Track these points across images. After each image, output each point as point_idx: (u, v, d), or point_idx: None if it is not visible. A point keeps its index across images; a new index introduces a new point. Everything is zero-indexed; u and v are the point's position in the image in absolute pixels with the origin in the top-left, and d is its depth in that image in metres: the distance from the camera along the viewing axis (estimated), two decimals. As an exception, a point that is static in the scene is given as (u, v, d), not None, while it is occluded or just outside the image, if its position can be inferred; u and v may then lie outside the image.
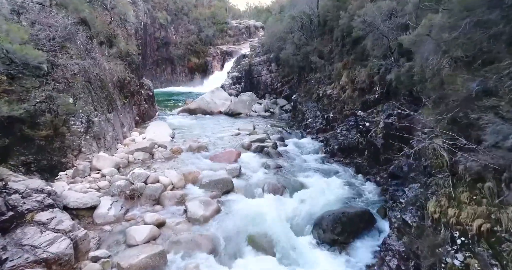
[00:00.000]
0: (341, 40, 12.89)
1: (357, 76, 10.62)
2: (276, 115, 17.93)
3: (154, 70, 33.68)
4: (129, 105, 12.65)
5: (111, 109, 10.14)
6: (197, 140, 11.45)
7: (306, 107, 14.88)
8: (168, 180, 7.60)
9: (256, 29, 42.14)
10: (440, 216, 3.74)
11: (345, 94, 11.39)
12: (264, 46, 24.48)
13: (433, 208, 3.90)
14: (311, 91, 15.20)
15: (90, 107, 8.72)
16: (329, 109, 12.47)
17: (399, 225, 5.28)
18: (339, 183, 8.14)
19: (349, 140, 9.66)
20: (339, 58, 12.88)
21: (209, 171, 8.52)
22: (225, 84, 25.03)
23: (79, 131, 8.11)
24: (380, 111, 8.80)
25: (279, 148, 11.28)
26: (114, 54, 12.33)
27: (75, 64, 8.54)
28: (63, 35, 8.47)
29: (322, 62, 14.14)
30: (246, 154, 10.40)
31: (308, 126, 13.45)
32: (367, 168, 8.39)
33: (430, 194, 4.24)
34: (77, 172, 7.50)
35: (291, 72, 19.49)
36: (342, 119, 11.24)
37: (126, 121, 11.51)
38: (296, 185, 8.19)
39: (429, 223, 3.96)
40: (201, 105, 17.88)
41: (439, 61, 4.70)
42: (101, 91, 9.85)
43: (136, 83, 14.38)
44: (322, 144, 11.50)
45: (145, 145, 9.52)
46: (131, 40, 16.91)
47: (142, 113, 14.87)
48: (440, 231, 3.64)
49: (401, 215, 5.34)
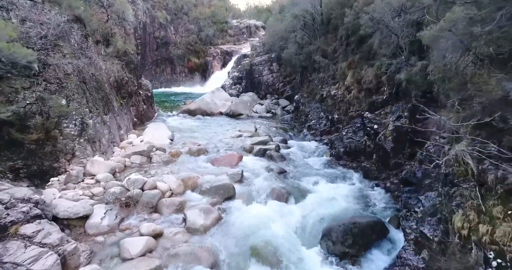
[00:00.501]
0: (345, 39, 12.48)
1: (363, 76, 10.19)
2: (278, 116, 17.50)
3: (153, 70, 33.25)
4: (126, 106, 12.23)
5: (107, 111, 9.73)
6: (197, 143, 11.04)
7: (309, 108, 14.46)
8: (166, 186, 7.19)
9: (257, 29, 41.74)
10: (469, 233, 3.33)
11: (350, 94, 10.97)
12: (265, 46, 24.05)
13: (460, 223, 3.49)
14: (314, 92, 14.78)
15: (85, 108, 8.30)
16: (334, 110, 12.05)
17: (416, 237, 4.86)
18: (347, 189, 7.72)
19: (355, 143, 9.24)
20: (343, 58, 12.46)
21: (210, 176, 8.10)
22: (225, 84, 24.60)
23: (72, 134, 7.69)
24: (388, 112, 8.38)
25: (282, 150, 10.86)
26: (111, 54, 11.91)
27: (69, 64, 8.12)
28: (55, 33, 8.05)
29: (325, 61, 13.72)
30: (248, 157, 9.98)
31: (312, 127, 13.03)
32: (375, 172, 7.96)
33: (455, 206, 3.82)
34: (69, 178, 7.08)
35: (293, 72, 19.07)
36: (347, 120, 10.82)
37: (123, 123, 11.10)
38: (301, 191, 7.77)
39: (455, 240, 3.55)
40: (201, 106, 17.46)
41: (462, 59, 4.27)
42: (97, 92, 9.43)
43: (134, 84, 13.96)
44: (326, 146, 11.08)
45: (142, 149, 9.10)
46: (129, 39, 16.50)
47: (141, 114, 14.45)
48: (471, 250, 3.23)
49: (417, 226, 4.92)
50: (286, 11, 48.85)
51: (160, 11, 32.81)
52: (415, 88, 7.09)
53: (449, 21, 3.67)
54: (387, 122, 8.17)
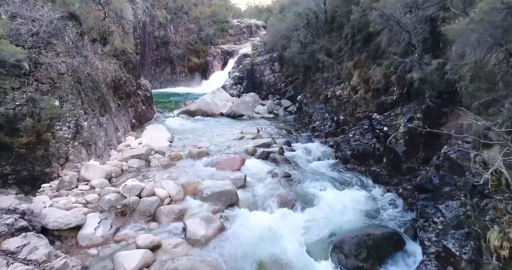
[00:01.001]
0: (351, 37, 12.05)
1: (371, 76, 9.77)
2: (280, 116, 17.08)
3: (153, 70, 32.82)
4: (124, 107, 11.81)
5: (103, 112, 9.31)
6: (198, 145, 10.61)
7: (313, 109, 14.03)
8: (165, 193, 6.77)
9: (258, 28, 41.32)
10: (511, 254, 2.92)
11: (357, 95, 10.55)
12: (267, 45, 23.62)
13: (497, 242, 3.09)
14: (318, 92, 14.36)
15: (79, 110, 7.88)
16: (339, 111, 11.63)
17: (437, 251, 4.44)
18: (356, 195, 7.29)
19: (363, 146, 8.81)
20: (349, 57, 12.03)
21: (211, 181, 7.68)
22: (226, 84, 24.18)
23: (66, 137, 7.28)
24: (399, 114, 7.95)
25: (286, 153, 10.44)
26: (108, 53, 11.49)
27: (62, 63, 7.71)
28: (48, 30, 7.64)
29: (330, 61, 13.29)
30: (251, 160, 9.55)
31: (316, 129, 12.61)
32: (386, 177, 7.54)
33: (489, 221, 3.41)
34: (62, 184, 6.66)
35: (296, 72, 18.64)
36: (354, 122, 10.40)
37: (121, 125, 10.68)
38: (308, 197, 7.35)
39: (494, 261, 3.14)
40: (202, 106, 17.04)
41: (490, 55, 3.85)
42: (93, 92, 9.01)
43: (133, 84, 13.53)
44: (332, 149, 10.65)
45: (140, 152, 8.68)
46: (128, 38, 16.08)
47: (139, 115, 14.02)
48: (513, 275, 2.83)
49: (439, 239, 4.50)
50: (286, 10, 48.58)
51: (159, 10, 32.39)
52: (429, 88, 6.67)
53: (482, 12, 3.26)
54: (398, 124, 7.75)
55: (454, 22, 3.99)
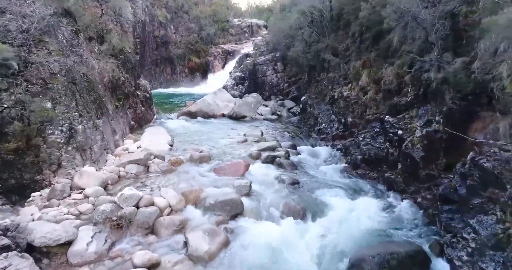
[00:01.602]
0: (359, 36, 11.54)
1: (382, 76, 9.27)
2: (284, 118, 16.58)
3: (153, 70, 32.33)
4: (122, 108, 11.31)
5: (100, 114, 8.81)
6: (199, 149, 10.12)
7: (319, 110, 13.52)
8: (164, 202, 6.26)
9: (259, 28, 40.87)
10: None
11: (366, 96, 10.04)
12: (269, 45, 23.12)
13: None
14: (324, 93, 13.85)
15: (74, 112, 7.38)
16: (347, 113, 11.11)
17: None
18: (370, 203, 6.79)
19: (375, 150, 8.31)
20: (356, 56, 11.52)
21: (214, 189, 7.19)
22: (227, 84, 23.72)
23: (58, 142, 6.77)
24: (414, 116, 7.44)
25: (292, 157, 9.94)
26: (106, 52, 10.98)
27: (55, 62, 7.21)
28: (40, 27, 7.14)
29: (336, 60, 12.78)
30: (256, 165, 9.05)
31: (322, 131, 12.10)
32: (402, 185, 7.03)
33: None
34: (53, 192, 6.16)
35: (300, 72, 18.13)
36: (363, 124, 9.88)
37: (118, 127, 10.17)
38: (319, 206, 6.85)
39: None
40: (203, 107, 16.55)
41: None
42: (89, 93, 8.52)
43: (132, 84, 13.04)
44: (340, 152, 10.15)
45: (139, 157, 8.18)
46: (126, 37, 15.59)
47: (138, 117, 13.52)
48: None
49: (473, 259, 4.00)
50: (287, 10, 48.20)
51: (159, 10, 31.90)
52: (450, 89, 6.16)
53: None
54: (414, 127, 7.24)
55: (482, 16, 3.50)
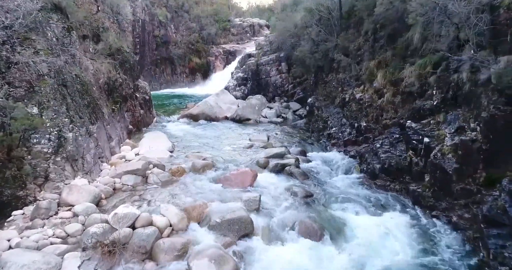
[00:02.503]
0: (372, 34, 10.80)
1: (400, 77, 8.52)
2: (289, 121, 15.82)
3: (152, 71, 31.61)
4: (120, 112, 10.57)
5: (94, 119, 8.08)
6: (202, 156, 9.38)
7: (328, 113, 12.78)
8: (165, 221, 5.52)
9: (261, 28, 40.18)
10: None
11: (382, 99, 9.29)
12: (273, 44, 22.35)
13: None
14: (333, 94, 13.11)
15: (64, 118, 6.64)
16: (360, 117, 10.37)
17: None
18: (395, 222, 6.04)
19: (396, 159, 7.56)
20: (370, 56, 10.78)
21: (219, 203, 6.46)
22: (229, 85, 23.01)
23: (45, 152, 6.04)
24: (442, 122, 6.70)
25: (302, 165, 9.20)
26: (102, 51, 10.25)
27: (43, 62, 6.48)
28: (26, 23, 6.42)
29: (347, 60, 12.04)
30: (264, 174, 8.31)
31: (333, 136, 11.35)
32: (431, 200, 6.27)
33: None
34: (38, 211, 5.41)
35: (305, 73, 17.38)
36: (380, 130, 9.13)
37: (115, 133, 9.43)
38: (338, 224, 6.10)
39: None
40: (205, 110, 15.80)
41: None
42: (82, 96, 7.78)
43: (130, 86, 12.30)
44: (354, 160, 9.40)
45: (136, 167, 7.42)
46: (125, 36, 14.88)
47: (137, 120, 12.78)
48: None
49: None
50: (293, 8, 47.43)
51: (160, 9, 31.19)
52: (490, 92, 5.42)
53: None
54: (442, 134, 6.50)
55: None
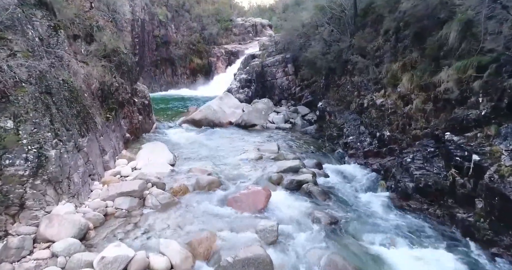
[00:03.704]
0: (394, 33, 9.77)
1: (433, 81, 7.49)
2: (298, 127, 14.77)
3: (152, 72, 30.60)
4: (115, 120, 9.54)
5: (85, 131, 7.05)
6: (207, 170, 8.34)
7: (343, 119, 11.75)
8: (164, 263, 4.50)
9: (263, 27, 39.24)
10: None
11: (410, 105, 8.25)
12: (278, 45, 21.36)
13: None
14: (347, 99, 12.08)
15: (46, 133, 5.61)
16: (382, 125, 9.33)
17: None
18: (444, 259, 4.99)
19: (433, 177, 6.51)
20: (391, 57, 9.75)
21: (230, 233, 5.45)
22: (232, 87, 22.03)
23: (20, 175, 5.00)
24: (493, 136, 5.67)
25: (319, 180, 8.18)
26: (95, 53, 9.22)
27: (21, 66, 5.45)
28: (1, 20, 5.40)
29: (364, 62, 11.01)
30: (278, 193, 7.28)
31: (350, 146, 10.31)
32: (488, 232, 5.21)
33: None
34: (6, 251, 4.38)
35: (315, 74, 16.35)
36: (408, 141, 8.09)
37: (109, 145, 8.39)
38: (373, 261, 5.06)
39: None
40: (208, 115, 14.77)
41: None
42: (70, 105, 6.76)
43: (127, 90, 11.26)
44: (378, 175, 8.35)
45: (132, 188, 6.38)
46: (122, 36, 13.86)
47: (135, 127, 11.76)
48: None
49: None
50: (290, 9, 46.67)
51: (160, 8, 30.18)
52: None
53: None
54: (496, 151, 5.46)
55: None
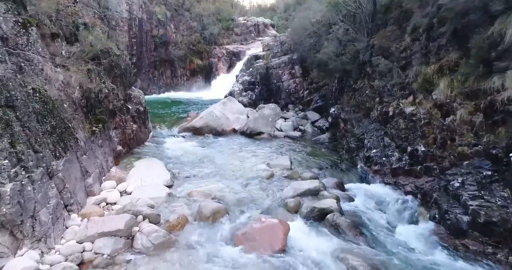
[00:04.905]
0: (425, 31, 8.46)
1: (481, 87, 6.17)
2: (309, 135, 13.45)
3: (151, 73, 29.28)
4: (104, 133, 8.22)
5: (62, 151, 5.74)
6: (210, 193, 7.03)
7: (362, 129, 10.43)
8: None
9: (265, 27, 37.94)
10: None
11: (452, 117, 6.93)
12: (284, 45, 20.03)
13: None
14: (366, 105, 10.75)
15: (2, 160, 4.31)
16: (413, 138, 8.00)
17: None
18: None
19: (498, 212, 5.19)
20: (422, 58, 8.42)
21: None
22: (234, 90, 20.73)
23: (-40, 223, 3.70)
24: None
25: (342, 203, 6.87)
26: (80, 55, 7.92)
27: (-32, 75, 4.15)
28: None
29: (388, 64, 9.70)
30: (297, 225, 5.97)
31: (374, 161, 8.98)
32: None
33: None
34: None
35: (325, 77, 15.03)
36: (452, 160, 6.75)
37: (94, 164, 7.06)
38: None
39: None
40: (210, 122, 13.44)
41: None
42: (42, 120, 5.46)
43: (119, 97, 9.96)
44: (413, 198, 7.04)
45: (117, 227, 5.05)
46: (115, 35, 12.55)
47: (129, 138, 10.45)
48: None
49: None
50: (291, 9, 45.26)
51: (158, 6, 28.85)
52: None
53: None
54: None
55: None
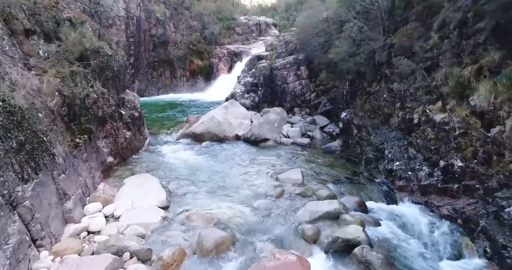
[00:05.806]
0: (456, 27, 7.41)
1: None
2: (318, 141, 12.39)
3: (149, 74, 28.25)
4: (89, 145, 7.17)
5: (32, 172, 4.70)
6: (212, 217, 5.99)
7: (380, 137, 9.39)
8: None
9: (267, 26, 36.90)
10: None
11: (499, 127, 5.87)
12: (289, 45, 18.99)
13: None
14: (385, 111, 9.69)
15: None
16: (446, 151, 6.95)
17: None
18: None
19: None
20: (453, 58, 7.38)
21: None
22: (235, 91, 19.67)
23: None
24: None
25: (368, 230, 5.82)
26: (62, 55, 6.87)
27: None
28: None
29: (411, 65, 8.65)
30: (318, 261, 4.93)
31: (397, 175, 7.93)
32: None
33: None
34: None
35: (335, 79, 13.98)
36: (502, 179, 5.69)
37: (75, 184, 6.01)
38: None
39: None
40: (211, 127, 12.39)
41: None
42: (6, 135, 4.42)
43: (110, 102, 8.93)
44: (452, 224, 5.99)
45: (98, 267, 4.01)
46: (109, 34, 11.50)
47: (121, 147, 9.42)
48: None
49: None
50: (292, 8, 44.17)
51: (157, 5, 27.80)
52: None
53: None
54: None
55: None
